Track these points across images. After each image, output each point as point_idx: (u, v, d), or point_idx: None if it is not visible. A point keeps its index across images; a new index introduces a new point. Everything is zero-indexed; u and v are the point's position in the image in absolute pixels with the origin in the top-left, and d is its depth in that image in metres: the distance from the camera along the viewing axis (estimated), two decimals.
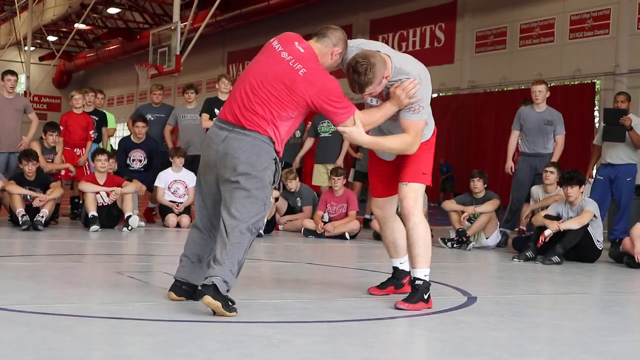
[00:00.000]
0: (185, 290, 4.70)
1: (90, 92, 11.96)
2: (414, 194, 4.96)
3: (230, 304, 4.28)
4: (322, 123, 11.40)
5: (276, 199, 10.16)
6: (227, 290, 4.30)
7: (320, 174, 11.45)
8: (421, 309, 4.78)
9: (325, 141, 11.47)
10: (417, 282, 4.89)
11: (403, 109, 4.77)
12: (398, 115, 4.83)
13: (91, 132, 11.39)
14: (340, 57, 4.81)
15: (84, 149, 11.31)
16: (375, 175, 5.32)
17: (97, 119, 11.73)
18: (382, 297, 5.31)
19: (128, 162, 11.22)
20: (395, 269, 5.43)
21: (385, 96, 4.85)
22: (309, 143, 11.63)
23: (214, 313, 4.23)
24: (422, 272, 4.91)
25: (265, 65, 4.63)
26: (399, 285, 5.38)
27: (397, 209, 5.25)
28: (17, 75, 10.98)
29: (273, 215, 10.18)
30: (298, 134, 11.57)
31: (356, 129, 4.62)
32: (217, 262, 4.33)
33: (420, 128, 4.80)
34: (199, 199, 4.77)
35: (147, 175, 11.10)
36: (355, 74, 4.61)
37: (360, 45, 4.93)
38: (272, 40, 4.79)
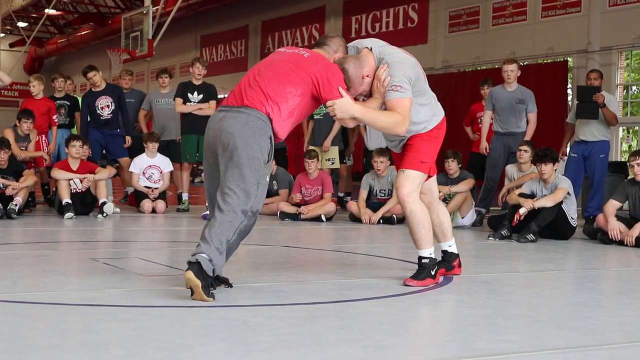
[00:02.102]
0: None
1: (60, 77, 11.85)
2: (409, 181, 5.00)
3: (210, 287, 4.26)
4: None
5: None
6: (213, 271, 4.28)
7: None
8: (429, 285, 4.97)
9: (318, 123, 11.45)
10: (424, 260, 5.07)
11: (385, 94, 4.78)
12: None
13: (55, 116, 11.22)
14: None
15: (44, 135, 11.13)
16: (398, 166, 5.33)
17: (68, 104, 11.62)
18: (358, 279, 5.34)
19: (98, 112, 10.95)
20: (444, 252, 5.48)
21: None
22: (307, 125, 11.58)
23: (192, 293, 4.21)
24: (427, 252, 5.09)
25: (272, 58, 4.75)
26: (450, 268, 5.45)
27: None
28: None
29: None
30: None
31: (345, 99, 4.60)
32: (204, 240, 4.33)
33: (406, 107, 4.75)
34: (206, 185, 4.76)
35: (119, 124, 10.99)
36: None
37: (356, 44, 5.04)
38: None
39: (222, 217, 4.35)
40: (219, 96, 11.32)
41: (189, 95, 10.81)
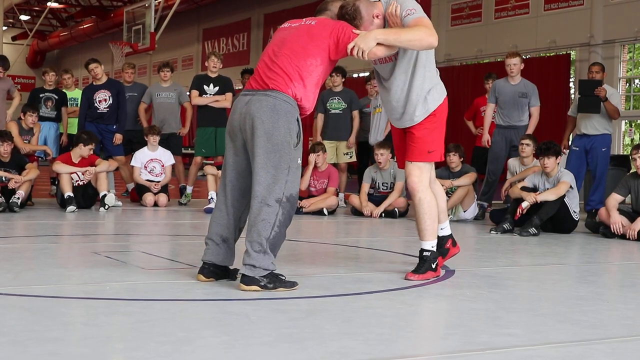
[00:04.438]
0: (213, 271, 4.67)
1: (50, 71, 11.82)
2: (418, 171, 5.02)
3: (273, 281, 4.39)
4: (331, 99, 11.37)
5: None
6: (265, 269, 4.36)
7: (328, 150, 11.21)
8: (430, 278, 4.96)
9: (335, 118, 11.38)
10: (425, 253, 5.05)
11: (402, 21, 4.77)
12: (395, 57, 4.89)
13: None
14: None
15: None
16: (398, 149, 5.35)
17: (56, 97, 11.60)
18: (360, 272, 5.34)
19: (95, 104, 10.91)
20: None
21: (393, 59, 4.91)
22: (320, 121, 11.52)
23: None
24: (429, 244, 5.06)
25: (282, 36, 4.74)
26: (445, 252, 5.40)
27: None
28: (7, 62, 10.93)
29: None
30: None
31: (360, 35, 4.60)
32: (246, 251, 4.40)
33: (426, 22, 4.72)
34: (223, 177, 4.72)
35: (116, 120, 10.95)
36: (343, 18, 4.75)
37: None
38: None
39: (257, 216, 4.39)
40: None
41: (205, 87, 10.79)
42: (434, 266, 5.03)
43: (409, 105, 4.99)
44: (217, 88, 10.80)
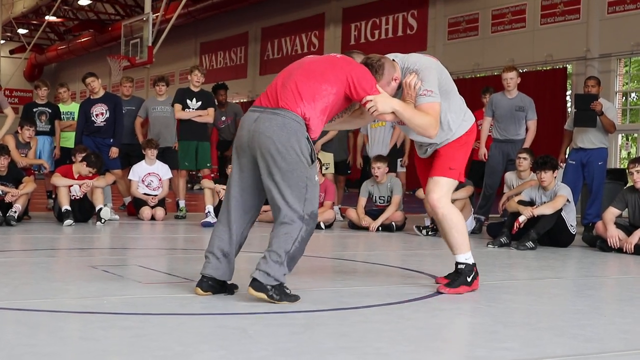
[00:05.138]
0: (212, 285, 4.66)
1: (43, 86, 11.82)
2: (438, 187, 5.05)
3: (280, 293, 4.40)
4: None
5: None
6: (277, 280, 4.38)
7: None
8: (464, 292, 4.95)
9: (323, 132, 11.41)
10: (460, 266, 5.07)
11: (417, 99, 4.85)
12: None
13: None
14: None
15: None
16: (421, 174, 5.37)
17: (50, 111, 11.60)
18: (357, 286, 5.34)
19: (92, 118, 10.93)
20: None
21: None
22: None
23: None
24: (462, 257, 5.09)
25: (303, 60, 4.82)
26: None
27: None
28: None
29: None
30: None
31: (382, 96, 4.67)
32: (264, 256, 4.44)
33: (437, 110, 4.83)
34: (227, 192, 4.73)
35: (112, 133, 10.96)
36: (366, 66, 4.78)
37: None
38: None
39: (279, 229, 4.42)
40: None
41: (188, 101, 10.90)
42: (469, 279, 5.03)
43: (437, 135, 5.02)
44: (199, 103, 10.92)
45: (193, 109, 10.92)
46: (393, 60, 4.96)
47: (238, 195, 4.64)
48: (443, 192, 5.05)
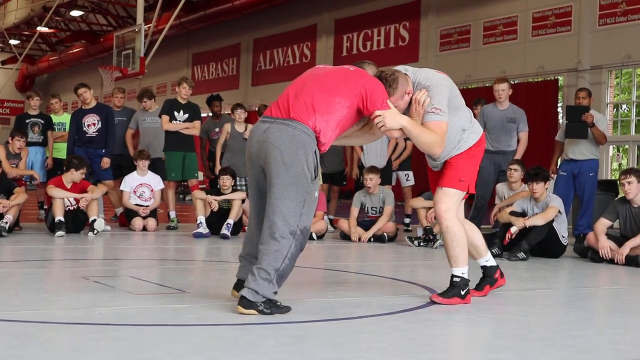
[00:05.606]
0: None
1: (35, 96, 11.80)
2: (446, 198, 5.06)
3: (270, 306, 4.39)
4: None
5: (243, 201, 10.14)
6: (265, 296, 4.37)
7: None
8: (456, 304, 4.96)
9: None
10: (455, 279, 5.06)
11: (425, 116, 4.87)
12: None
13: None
14: None
15: None
16: (433, 185, 5.37)
17: (42, 122, 11.58)
18: (349, 297, 5.33)
19: (84, 129, 10.90)
20: (483, 267, 5.48)
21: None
22: None
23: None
24: (459, 271, 5.07)
25: (315, 71, 4.80)
26: (493, 282, 5.48)
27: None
28: None
29: (240, 217, 10.16)
30: None
31: (391, 111, 4.68)
32: (252, 273, 4.41)
33: (443, 129, 4.86)
34: (250, 196, 4.79)
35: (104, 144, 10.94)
36: (379, 79, 4.80)
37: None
38: None
39: (269, 246, 4.40)
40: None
41: (175, 113, 10.95)
42: (462, 293, 5.03)
43: (446, 148, 5.03)
44: (186, 115, 10.99)
45: (180, 120, 10.98)
46: (405, 74, 4.98)
47: (259, 202, 4.67)
48: (451, 204, 5.06)
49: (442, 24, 23.15)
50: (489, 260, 5.47)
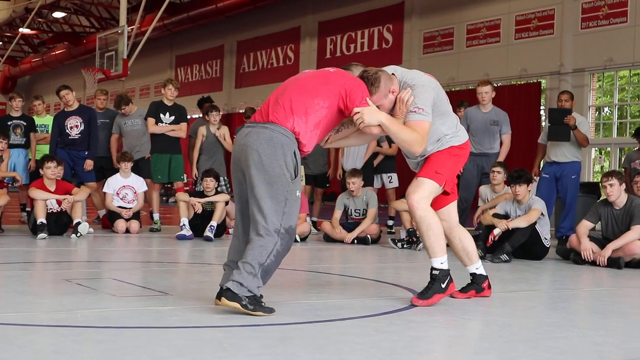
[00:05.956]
0: None
1: (17, 97, 11.73)
2: (420, 188, 5.04)
3: (254, 303, 4.40)
4: None
5: (226, 203, 10.12)
6: (250, 291, 4.38)
7: None
8: (438, 301, 4.96)
9: None
10: (434, 272, 5.05)
11: (407, 115, 4.88)
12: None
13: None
14: None
15: None
16: None
17: (25, 123, 11.51)
18: (333, 299, 5.33)
19: (67, 131, 10.85)
20: (473, 275, 5.49)
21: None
22: None
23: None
24: (437, 261, 5.07)
25: (297, 76, 4.88)
26: (480, 289, 5.48)
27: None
28: None
29: (224, 219, 10.15)
30: None
31: (369, 108, 4.70)
32: (237, 267, 4.45)
33: (425, 129, 4.86)
34: (235, 201, 4.81)
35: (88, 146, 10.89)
36: (362, 79, 4.84)
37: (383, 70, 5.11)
38: None
39: (255, 242, 4.45)
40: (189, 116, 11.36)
41: (162, 115, 10.93)
42: (443, 285, 5.03)
43: (425, 149, 5.06)
44: (172, 117, 10.97)
45: (166, 123, 10.96)
46: (392, 74, 5.00)
47: (244, 208, 4.70)
48: (424, 194, 5.03)
49: (426, 27, 23.22)
50: (479, 268, 5.49)
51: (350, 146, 7.23)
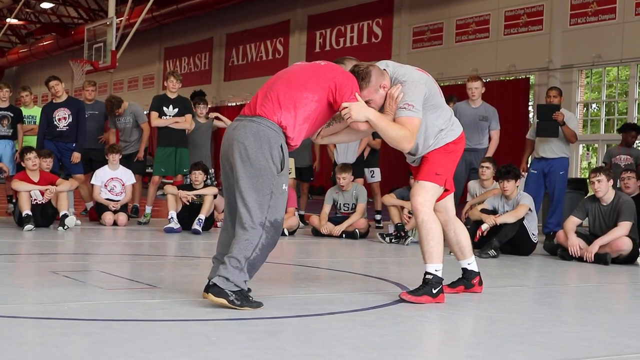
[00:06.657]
0: None
1: (4, 87, 11.64)
2: (422, 191, 5.04)
3: (241, 298, 4.38)
4: None
5: (214, 196, 10.10)
6: (237, 286, 4.37)
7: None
8: (426, 302, 4.90)
9: None
10: (427, 276, 5.01)
11: (397, 111, 4.86)
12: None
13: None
14: None
15: None
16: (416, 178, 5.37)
17: (12, 114, 11.45)
18: (321, 293, 5.33)
19: (55, 122, 10.79)
20: (464, 270, 5.49)
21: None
22: None
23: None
24: (432, 267, 5.02)
25: (287, 69, 4.87)
26: (469, 285, 5.49)
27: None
28: None
29: (212, 213, 10.13)
30: None
31: (357, 104, 4.69)
32: (223, 262, 4.44)
33: (415, 125, 4.83)
34: (224, 195, 4.81)
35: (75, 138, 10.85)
36: (353, 74, 4.83)
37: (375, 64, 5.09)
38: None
39: (240, 235, 4.44)
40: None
41: (165, 108, 10.87)
42: (434, 292, 4.98)
43: (423, 146, 5.08)
44: (176, 109, 10.90)
45: (170, 115, 10.89)
46: (384, 69, 4.98)
47: (233, 202, 4.67)
48: (427, 197, 5.04)
49: (415, 22, 23.21)
50: (471, 264, 5.49)
51: (341, 142, 7.24)
